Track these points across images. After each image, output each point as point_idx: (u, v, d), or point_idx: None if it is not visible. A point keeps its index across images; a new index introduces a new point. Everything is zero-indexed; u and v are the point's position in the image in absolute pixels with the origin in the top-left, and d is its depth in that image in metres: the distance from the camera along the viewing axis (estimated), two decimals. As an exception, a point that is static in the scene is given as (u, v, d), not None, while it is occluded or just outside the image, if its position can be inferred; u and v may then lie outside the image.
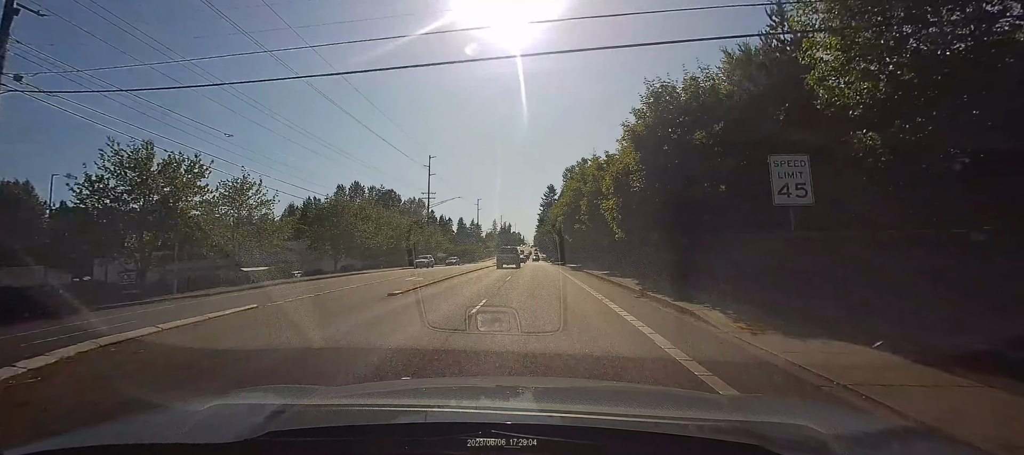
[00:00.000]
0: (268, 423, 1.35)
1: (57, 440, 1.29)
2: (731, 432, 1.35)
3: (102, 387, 5.17)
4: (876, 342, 5.78)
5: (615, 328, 7.98)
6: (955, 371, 4.61)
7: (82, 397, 4.82)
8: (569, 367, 5.40)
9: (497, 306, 11.30)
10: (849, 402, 4.04)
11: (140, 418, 1.72)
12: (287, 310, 11.72)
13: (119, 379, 5.50)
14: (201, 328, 9.08)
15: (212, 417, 1.55)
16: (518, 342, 6.73)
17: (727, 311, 8.82)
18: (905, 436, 1.42)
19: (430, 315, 9.42)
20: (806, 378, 4.80)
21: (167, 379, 5.52)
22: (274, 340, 7.54)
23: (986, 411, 3.75)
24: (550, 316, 9.31)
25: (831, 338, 6.26)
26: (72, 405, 4.53)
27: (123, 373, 5.77)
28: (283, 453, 1.20)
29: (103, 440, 1.35)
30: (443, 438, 1.25)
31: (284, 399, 1.89)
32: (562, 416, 1.58)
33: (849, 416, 1.51)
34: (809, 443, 1.24)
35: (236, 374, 5.57)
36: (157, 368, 6.02)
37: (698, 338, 6.93)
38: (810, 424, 1.36)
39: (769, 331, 6.84)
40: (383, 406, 1.75)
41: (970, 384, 4.34)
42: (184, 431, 1.42)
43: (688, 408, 1.78)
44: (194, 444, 1.27)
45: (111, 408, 4.34)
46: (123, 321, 10.09)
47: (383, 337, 7.32)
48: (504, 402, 1.90)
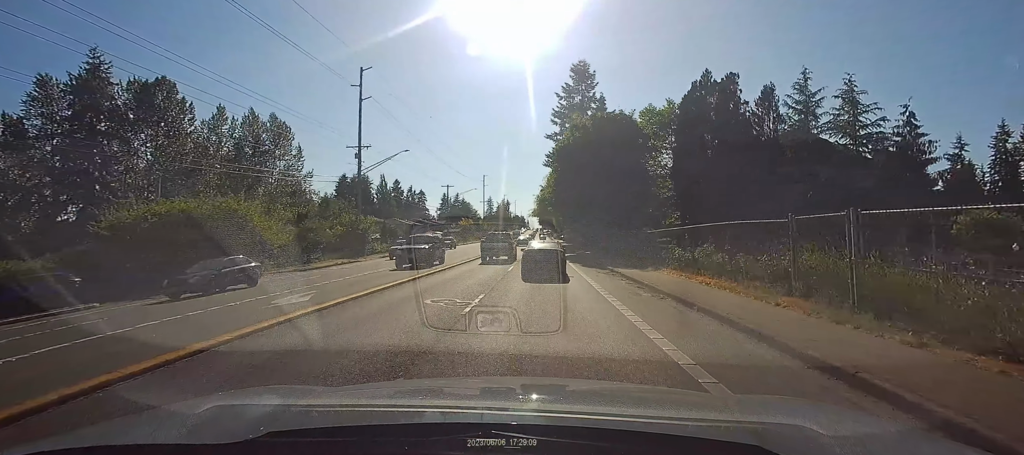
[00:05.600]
0: (268, 423, 1.35)
1: (56, 440, 1.29)
2: (731, 432, 1.35)
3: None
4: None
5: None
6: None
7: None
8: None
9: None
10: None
11: (140, 418, 1.72)
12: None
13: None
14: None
15: (212, 417, 1.54)
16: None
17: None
18: (905, 436, 1.42)
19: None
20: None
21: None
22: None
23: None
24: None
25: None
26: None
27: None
28: (283, 453, 1.20)
29: (103, 440, 1.35)
30: (443, 438, 1.25)
31: (284, 399, 1.89)
32: (562, 416, 1.58)
33: (849, 416, 1.51)
34: (809, 443, 1.24)
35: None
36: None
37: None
38: (810, 424, 1.36)
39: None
40: (383, 406, 1.75)
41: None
42: (184, 431, 1.42)
43: (688, 408, 1.78)
44: (194, 444, 1.27)
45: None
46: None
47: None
48: (504, 402, 1.90)
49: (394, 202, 79.55)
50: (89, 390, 4.98)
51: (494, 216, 79.63)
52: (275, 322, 8.70)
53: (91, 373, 5.50)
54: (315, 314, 9.62)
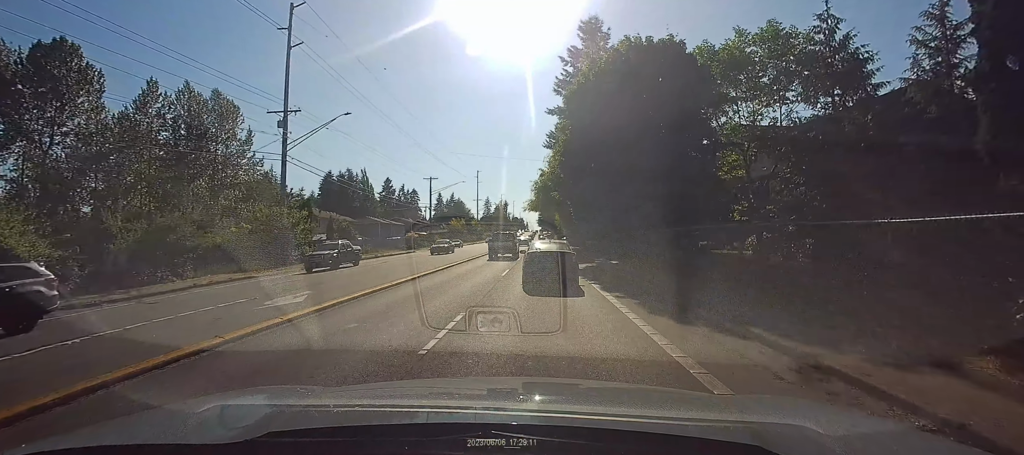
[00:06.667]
0: (268, 423, 1.35)
1: (57, 440, 1.29)
2: (731, 432, 1.35)
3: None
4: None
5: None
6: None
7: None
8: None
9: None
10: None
11: (140, 418, 1.72)
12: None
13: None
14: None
15: (212, 417, 1.55)
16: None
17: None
18: (904, 436, 1.42)
19: None
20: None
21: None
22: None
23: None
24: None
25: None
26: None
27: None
28: (283, 453, 1.20)
29: (103, 440, 1.35)
30: (443, 438, 1.25)
31: (284, 399, 1.89)
32: (562, 416, 1.58)
33: (849, 416, 1.51)
34: (809, 443, 1.24)
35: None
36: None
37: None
38: (810, 424, 1.36)
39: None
40: (383, 406, 1.75)
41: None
42: (184, 431, 1.42)
43: (688, 408, 1.79)
44: (194, 444, 1.27)
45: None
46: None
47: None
48: (504, 402, 1.90)
49: (380, 202, 77.26)
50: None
51: (492, 217, 79.62)
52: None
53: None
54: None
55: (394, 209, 77.71)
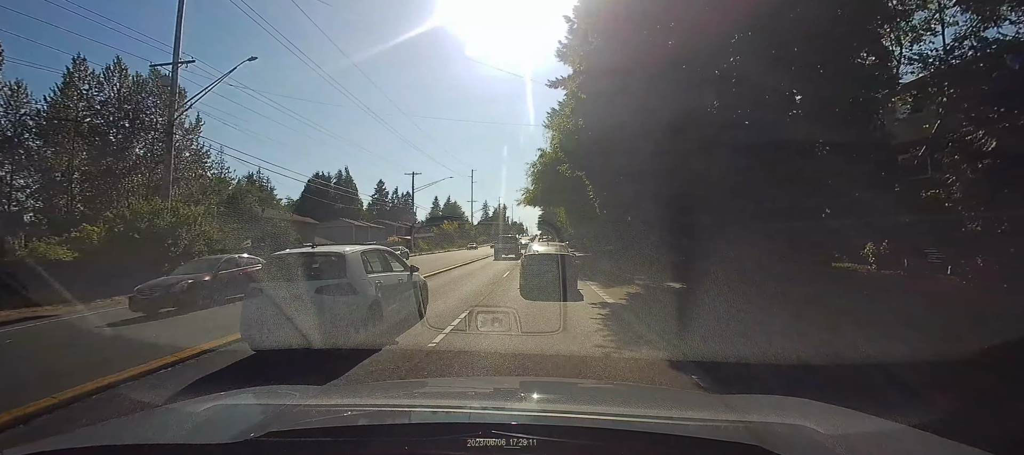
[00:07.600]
0: (268, 423, 1.35)
1: (57, 440, 1.29)
2: (731, 432, 1.35)
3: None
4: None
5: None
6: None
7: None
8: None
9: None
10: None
11: (140, 418, 1.72)
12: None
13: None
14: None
15: (212, 417, 1.55)
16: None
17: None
18: (903, 435, 1.42)
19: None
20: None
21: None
22: None
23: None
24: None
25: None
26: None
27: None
28: (283, 453, 1.20)
29: (103, 440, 1.35)
30: (443, 438, 1.25)
31: (284, 399, 1.89)
32: (562, 416, 1.58)
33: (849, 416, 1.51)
34: (809, 443, 1.24)
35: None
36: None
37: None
38: (810, 424, 1.36)
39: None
40: (383, 406, 1.75)
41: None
42: (184, 431, 1.42)
43: (688, 408, 1.78)
44: (194, 444, 1.27)
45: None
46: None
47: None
48: (504, 402, 1.90)
49: (371, 206, 75.45)
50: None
51: (491, 220, 79.04)
52: None
53: None
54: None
55: (387, 213, 76.03)
